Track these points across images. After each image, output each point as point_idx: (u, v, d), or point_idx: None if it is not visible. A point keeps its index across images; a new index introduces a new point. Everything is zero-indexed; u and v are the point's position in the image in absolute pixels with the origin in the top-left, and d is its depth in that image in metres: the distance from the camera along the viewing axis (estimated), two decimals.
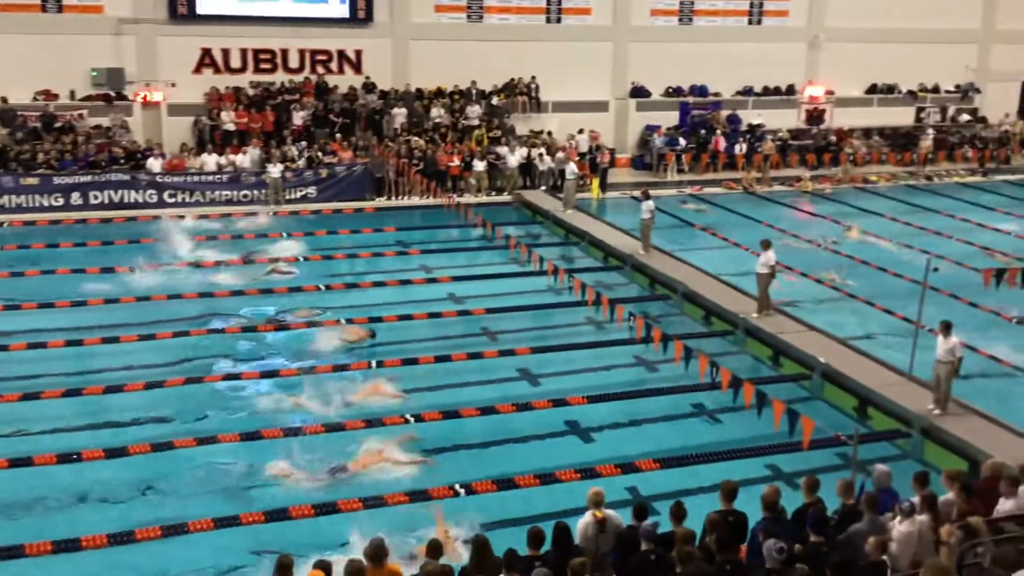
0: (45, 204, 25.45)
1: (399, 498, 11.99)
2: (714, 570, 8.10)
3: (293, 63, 30.61)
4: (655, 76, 34.25)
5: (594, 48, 33.39)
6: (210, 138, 28.77)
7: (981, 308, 19.56)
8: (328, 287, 20.58)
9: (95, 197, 25.81)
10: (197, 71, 29.60)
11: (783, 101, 35.97)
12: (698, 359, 15.13)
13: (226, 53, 29.81)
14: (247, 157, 27.65)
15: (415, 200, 28.21)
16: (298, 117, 29.43)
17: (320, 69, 30.79)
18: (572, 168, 27.52)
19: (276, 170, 26.87)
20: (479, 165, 29.01)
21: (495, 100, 31.99)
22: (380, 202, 28.02)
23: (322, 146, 28.75)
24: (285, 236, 24.28)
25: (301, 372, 15.94)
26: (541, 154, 30.08)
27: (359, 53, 31.10)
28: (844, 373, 15.74)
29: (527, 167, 30.00)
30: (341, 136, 29.34)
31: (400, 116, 30.39)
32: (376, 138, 29.66)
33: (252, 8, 29.66)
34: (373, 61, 31.16)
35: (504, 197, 29.26)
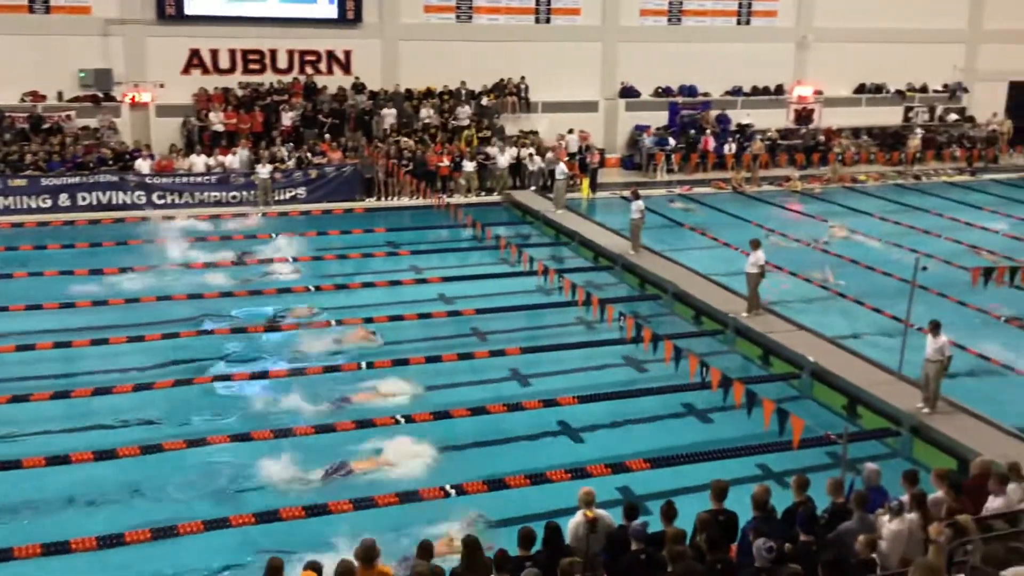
0: (33, 206, 25.32)
1: (389, 499, 11.99)
2: (704, 569, 8.10)
3: (282, 64, 30.54)
4: (644, 76, 34.28)
5: (583, 48, 33.42)
6: (199, 139, 28.66)
7: (970, 307, 19.65)
8: (318, 288, 20.53)
9: (83, 198, 25.70)
10: (185, 72, 29.50)
11: (772, 101, 36.06)
12: (688, 359, 15.18)
13: (214, 54, 29.72)
14: (236, 158, 27.56)
15: (405, 201, 28.17)
16: (287, 118, 29.36)
17: (309, 70, 30.72)
18: (562, 168, 27.55)
19: (265, 171, 26.79)
20: (469, 165, 28.98)
21: (485, 100, 31.98)
22: (370, 203, 27.96)
23: (311, 147, 28.68)
24: (274, 237, 24.23)
25: (291, 374, 15.91)
26: (531, 154, 30.07)
27: (348, 54, 31.05)
28: (833, 372, 15.79)
29: (517, 167, 29.98)
30: (330, 137, 29.28)
31: (389, 117, 30.34)
32: (365, 139, 29.60)
33: (240, 8, 29.56)
34: (362, 61, 31.10)
35: (494, 197, 29.25)
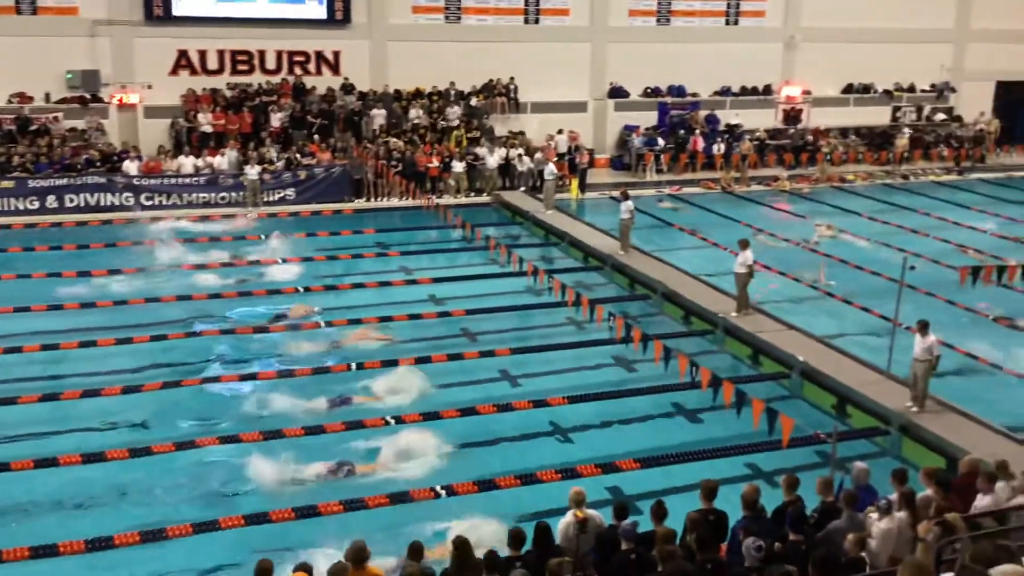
0: (20, 207, 25.22)
1: (380, 500, 11.97)
2: (694, 569, 8.11)
3: (270, 64, 30.47)
4: (633, 77, 34.33)
5: (572, 49, 33.45)
6: (187, 140, 28.55)
7: (958, 306, 19.71)
8: (307, 288, 20.47)
9: (71, 200, 25.61)
10: (173, 73, 29.41)
11: (760, 101, 36.16)
12: (678, 359, 15.20)
13: (203, 54, 29.63)
14: (224, 159, 27.50)
15: (394, 202, 28.13)
16: (276, 119, 29.30)
17: (298, 70, 30.66)
18: (551, 169, 27.56)
19: (254, 172, 26.71)
20: (458, 166, 28.96)
21: (474, 101, 31.98)
22: (359, 204, 27.92)
23: (300, 148, 28.61)
24: (263, 238, 24.17)
25: (280, 375, 15.86)
26: (520, 155, 30.07)
27: (337, 54, 31.00)
28: (823, 371, 15.82)
29: (506, 168, 29.98)
30: (319, 138, 29.23)
31: (379, 117, 30.31)
32: (355, 139, 29.56)
33: (229, 9, 29.49)
34: (351, 62, 31.05)
35: (483, 198, 29.24)
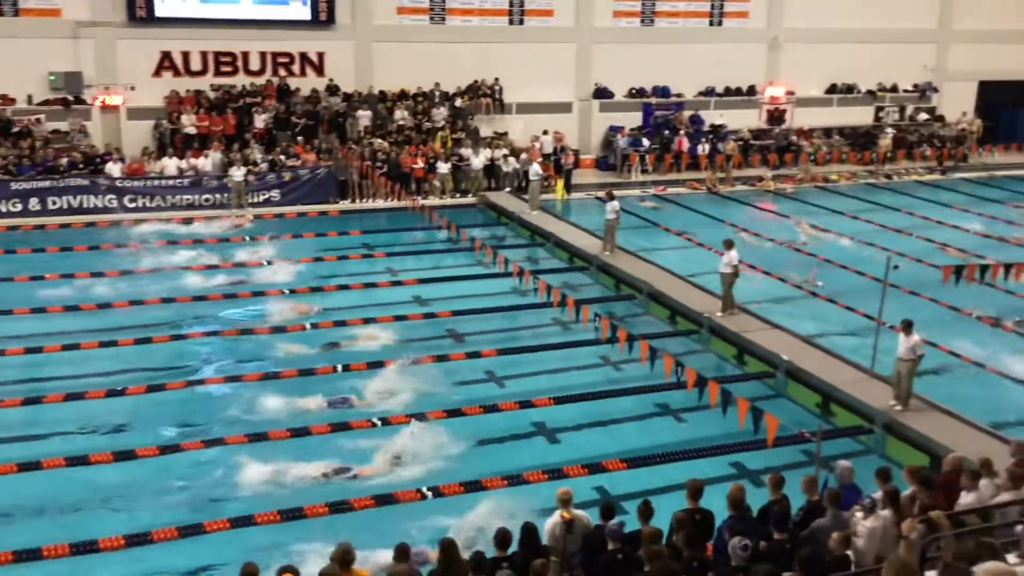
0: (3, 210, 25.02)
1: (365, 502, 11.95)
2: (681, 568, 8.13)
3: (254, 65, 30.35)
4: (618, 77, 34.39)
5: (557, 49, 33.46)
6: (171, 142, 28.42)
7: (941, 304, 19.82)
8: (292, 291, 20.39)
9: (54, 202, 25.44)
10: (157, 74, 29.25)
11: (744, 101, 36.25)
12: (663, 359, 15.23)
13: (186, 56, 29.48)
14: (209, 161, 27.37)
15: (379, 203, 28.08)
16: (260, 120, 29.20)
17: (282, 71, 30.55)
18: (536, 169, 27.57)
19: (239, 173, 26.62)
20: (443, 167, 28.91)
21: (459, 102, 31.95)
22: (344, 205, 27.85)
23: (285, 149, 28.53)
24: (248, 240, 24.09)
25: (267, 376, 15.82)
26: (505, 155, 30.07)
27: (321, 55, 30.91)
28: (807, 370, 15.89)
29: (491, 169, 29.98)
30: (304, 139, 29.14)
31: (364, 118, 30.24)
32: (339, 141, 29.48)
33: (212, 10, 29.35)
34: (336, 63, 30.98)
35: (468, 199, 29.22)
